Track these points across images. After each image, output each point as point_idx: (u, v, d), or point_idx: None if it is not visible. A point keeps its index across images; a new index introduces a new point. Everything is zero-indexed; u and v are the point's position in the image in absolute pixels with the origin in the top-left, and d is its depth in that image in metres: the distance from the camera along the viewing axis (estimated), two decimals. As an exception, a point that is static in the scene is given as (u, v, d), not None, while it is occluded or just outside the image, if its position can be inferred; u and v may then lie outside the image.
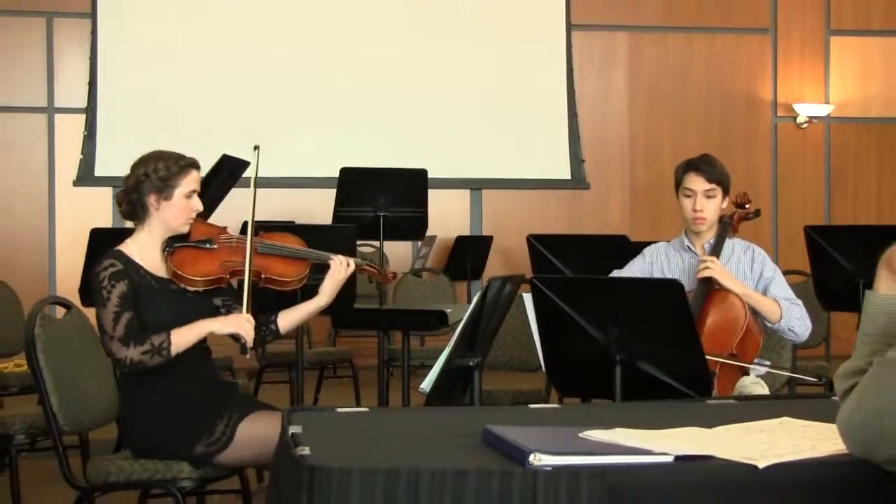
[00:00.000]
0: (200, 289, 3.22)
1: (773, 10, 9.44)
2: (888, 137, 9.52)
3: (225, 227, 3.41)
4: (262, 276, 3.32)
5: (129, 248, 3.21)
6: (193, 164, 3.25)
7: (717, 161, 3.75)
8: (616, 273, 3.85)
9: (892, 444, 1.68)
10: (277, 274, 3.34)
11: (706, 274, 3.57)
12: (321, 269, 3.42)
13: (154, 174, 3.17)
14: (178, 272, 3.18)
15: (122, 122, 8.34)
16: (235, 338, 3.22)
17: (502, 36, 8.91)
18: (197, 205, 3.24)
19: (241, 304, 3.26)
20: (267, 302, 3.51)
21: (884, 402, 1.68)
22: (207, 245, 3.27)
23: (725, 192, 3.72)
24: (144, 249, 3.22)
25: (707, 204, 3.68)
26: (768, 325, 3.60)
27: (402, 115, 8.76)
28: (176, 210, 3.19)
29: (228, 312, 3.31)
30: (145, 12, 8.47)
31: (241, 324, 3.18)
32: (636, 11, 9.24)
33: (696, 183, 3.67)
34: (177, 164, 3.20)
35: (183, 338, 3.11)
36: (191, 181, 3.22)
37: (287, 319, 3.39)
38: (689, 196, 3.70)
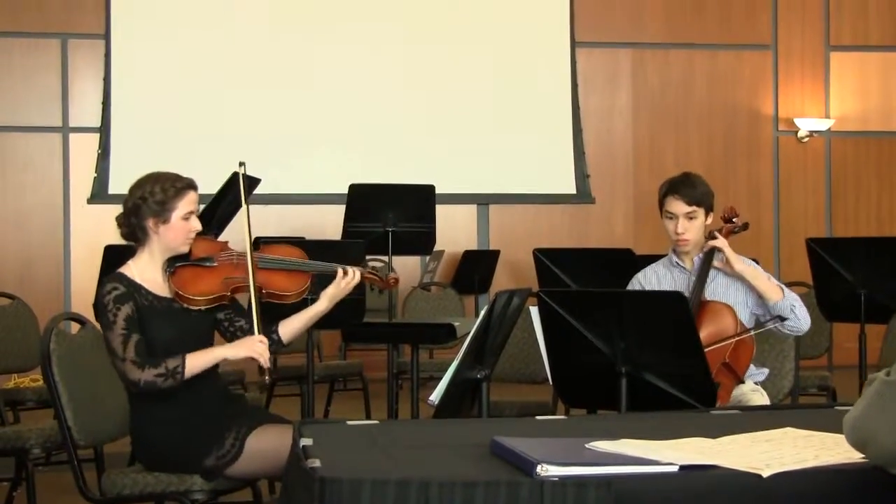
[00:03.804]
0: (203, 307, 3.22)
1: (774, 27, 9.48)
2: (886, 151, 9.55)
3: (226, 242, 3.38)
4: (264, 291, 3.29)
5: (131, 269, 3.20)
6: (190, 186, 3.22)
7: (699, 180, 3.75)
8: None
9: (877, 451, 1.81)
10: (278, 288, 3.31)
11: (711, 244, 3.66)
12: (326, 280, 3.39)
13: (151, 198, 3.16)
14: (180, 292, 3.17)
15: (135, 141, 8.38)
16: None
17: (508, 54, 8.95)
18: (196, 225, 3.21)
19: (245, 318, 3.26)
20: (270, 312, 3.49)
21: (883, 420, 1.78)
22: (208, 263, 3.24)
23: (709, 211, 3.74)
24: (146, 270, 3.20)
25: (689, 225, 3.71)
26: (770, 305, 3.62)
27: (410, 132, 8.79)
28: (175, 232, 3.17)
29: (231, 325, 3.31)
30: (157, 34, 8.52)
31: (253, 347, 3.17)
32: (639, 29, 9.28)
33: (677, 206, 3.70)
34: (173, 188, 3.17)
35: (196, 363, 3.11)
36: (188, 203, 3.19)
37: (288, 328, 3.36)
38: (670, 218, 3.73)
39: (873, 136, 9.54)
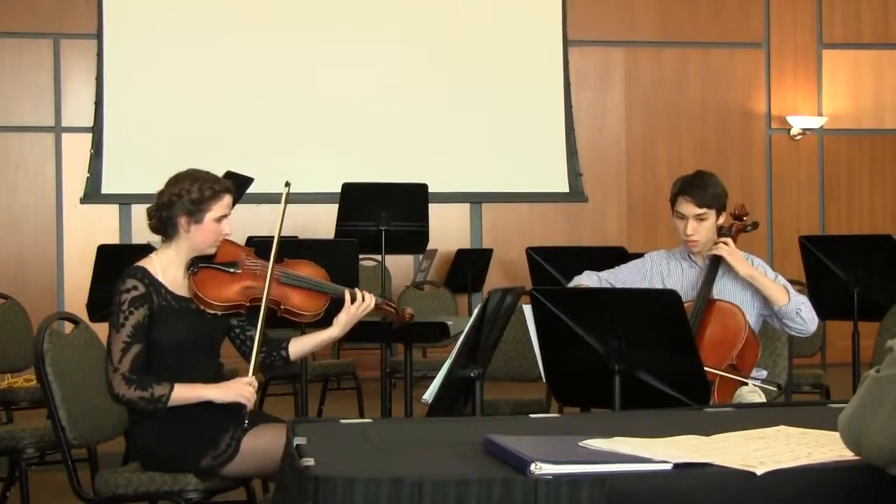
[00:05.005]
0: (219, 313, 3.20)
1: (766, 25, 9.49)
2: (879, 148, 9.57)
3: (252, 250, 3.36)
4: (281, 306, 3.28)
5: (154, 264, 3.18)
6: (228, 189, 3.21)
7: (711, 180, 3.72)
8: (616, 268, 3.90)
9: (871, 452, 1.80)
10: (296, 306, 3.30)
11: (716, 252, 3.64)
12: (341, 302, 3.37)
13: (187, 195, 3.13)
14: (200, 295, 3.15)
15: (128, 141, 8.39)
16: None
17: (500, 53, 8.95)
18: (227, 229, 3.20)
19: (255, 330, 3.21)
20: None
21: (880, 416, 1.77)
22: (231, 270, 3.22)
23: (720, 211, 3.72)
24: (169, 267, 3.19)
25: (699, 227, 3.68)
26: (775, 310, 3.63)
27: (403, 131, 8.79)
28: (205, 234, 3.16)
29: (242, 333, 3.31)
30: (150, 34, 8.51)
31: (241, 391, 3.13)
32: (632, 27, 9.29)
33: (687, 208, 3.68)
34: (210, 189, 3.15)
35: (182, 396, 3.08)
36: (223, 206, 3.17)
37: (298, 347, 3.37)
38: (681, 218, 3.71)
39: (866, 133, 9.56)
